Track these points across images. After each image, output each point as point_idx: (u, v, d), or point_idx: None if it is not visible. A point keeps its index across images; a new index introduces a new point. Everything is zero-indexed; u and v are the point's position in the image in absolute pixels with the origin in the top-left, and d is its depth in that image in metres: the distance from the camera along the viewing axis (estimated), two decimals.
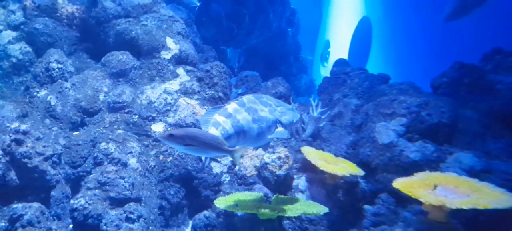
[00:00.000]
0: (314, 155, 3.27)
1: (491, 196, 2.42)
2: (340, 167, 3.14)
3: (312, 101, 4.21)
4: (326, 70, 12.75)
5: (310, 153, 3.28)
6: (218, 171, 3.42)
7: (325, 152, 3.52)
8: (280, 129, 2.28)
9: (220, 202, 2.71)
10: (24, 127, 2.93)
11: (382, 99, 3.73)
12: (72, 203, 2.84)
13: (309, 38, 13.70)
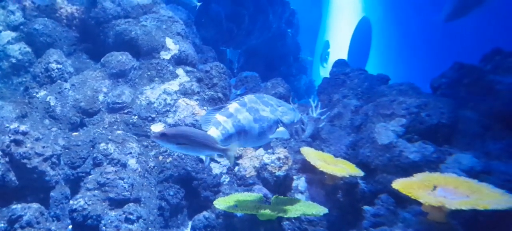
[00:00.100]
0: (313, 155, 3.26)
1: (491, 196, 2.42)
2: (339, 167, 3.14)
3: (311, 102, 4.20)
4: (326, 71, 12.75)
5: (310, 154, 3.28)
6: (217, 171, 3.42)
7: (324, 153, 3.52)
8: (281, 129, 2.28)
9: (219, 203, 2.71)
10: (23, 127, 2.93)
11: (381, 100, 3.73)
12: (71, 203, 2.84)
13: (308, 39, 13.70)
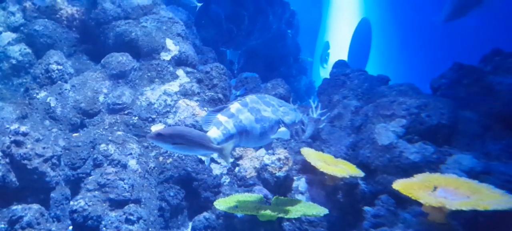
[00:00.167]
0: (313, 156, 3.26)
1: (491, 197, 2.42)
2: (339, 168, 3.14)
3: (311, 102, 4.21)
4: (326, 72, 12.75)
5: (310, 154, 3.28)
6: (218, 172, 3.42)
7: (324, 153, 3.52)
8: (282, 129, 2.29)
9: (219, 204, 2.71)
10: (23, 128, 2.93)
11: (381, 101, 3.73)
12: (71, 204, 2.84)
13: (308, 39, 13.71)
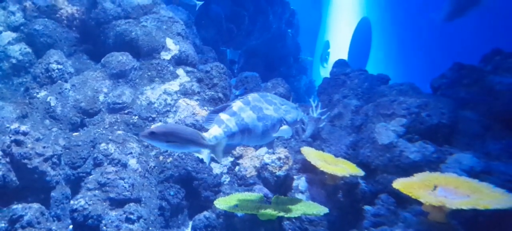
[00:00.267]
0: (314, 155, 3.26)
1: (491, 196, 2.42)
2: (340, 167, 3.14)
3: (312, 102, 4.21)
4: (326, 71, 12.75)
5: (310, 154, 3.28)
6: (218, 171, 3.42)
7: (325, 153, 3.52)
8: (284, 127, 2.30)
9: (220, 203, 2.71)
10: (24, 127, 2.93)
11: (382, 100, 3.73)
12: (72, 203, 2.85)
13: (308, 39, 13.71)
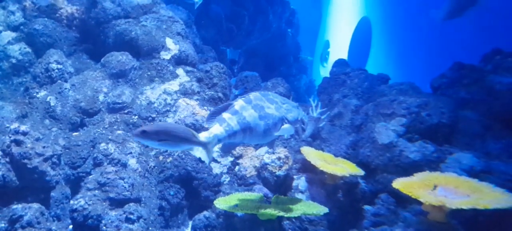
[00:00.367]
0: (313, 155, 3.26)
1: (491, 196, 2.42)
2: (339, 167, 3.14)
3: (311, 101, 4.20)
4: (326, 71, 12.74)
5: (310, 153, 3.28)
6: (218, 171, 3.42)
7: (324, 152, 3.52)
8: (286, 126, 2.31)
9: (220, 203, 2.71)
10: (23, 127, 2.93)
11: (381, 100, 3.73)
12: (72, 203, 2.85)
13: (308, 38, 13.70)
